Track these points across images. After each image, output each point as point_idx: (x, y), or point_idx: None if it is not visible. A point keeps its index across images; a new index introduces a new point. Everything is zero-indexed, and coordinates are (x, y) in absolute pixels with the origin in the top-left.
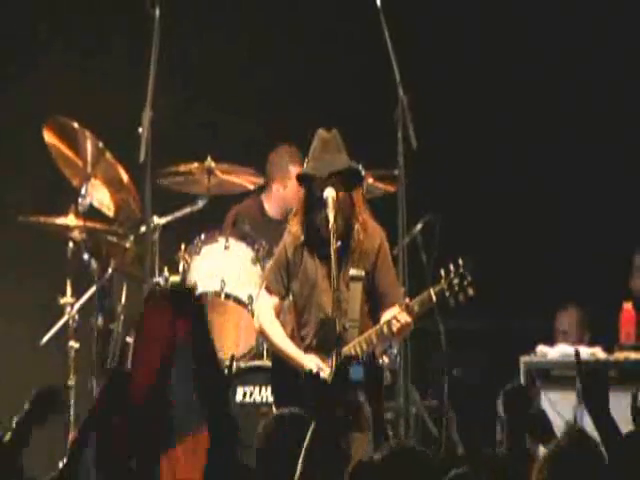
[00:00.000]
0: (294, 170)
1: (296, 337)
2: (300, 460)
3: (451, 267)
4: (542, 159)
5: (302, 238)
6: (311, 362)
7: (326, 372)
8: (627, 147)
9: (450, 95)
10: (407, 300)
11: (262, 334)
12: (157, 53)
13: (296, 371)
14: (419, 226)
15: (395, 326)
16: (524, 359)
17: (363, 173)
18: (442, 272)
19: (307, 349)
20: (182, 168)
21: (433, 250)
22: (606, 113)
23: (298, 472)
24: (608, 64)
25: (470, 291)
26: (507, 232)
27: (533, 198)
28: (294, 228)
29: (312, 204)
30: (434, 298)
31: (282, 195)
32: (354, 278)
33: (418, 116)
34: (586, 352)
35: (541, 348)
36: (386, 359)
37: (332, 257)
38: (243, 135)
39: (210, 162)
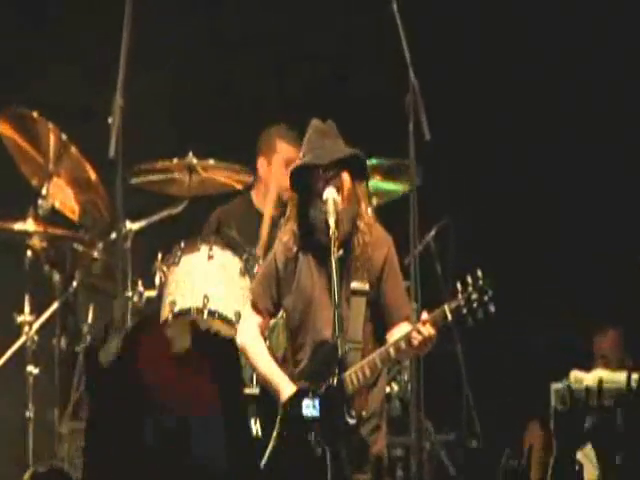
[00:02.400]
0: (280, 145)
1: (289, 361)
2: None
3: (469, 279)
4: (542, 159)
5: (295, 247)
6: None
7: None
8: (627, 147)
9: (450, 95)
10: (425, 315)
11: (243, 354)
12: (129, 30)
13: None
14: (433, 232)
15: (416, 339)
16: (555, 386)
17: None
18: (459, 285)
19: (301, 375)
20: (159, 165)
21: (449, 260)
22: (606, 113)
23: None
24: (608, 64)
25: (491, 307)
26: (535, 240)
27: (557, 205)
28: (286, 235)
29: (309, 204)
30: (450, 316)
31: (266, 172)
32: (356, 292)
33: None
34: (634, 378)
35: (575, 373)
36: (395, 387)
37: (333, 268)
38: (230, 128)
39: (192, 158)
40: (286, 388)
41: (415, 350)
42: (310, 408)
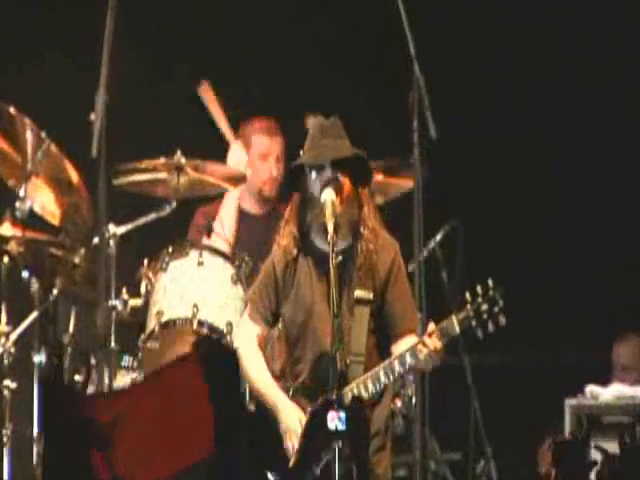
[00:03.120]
0: (255, 139)
1: (287, 374)
2: None
3: (478, 289)
4: (563, 158)
5: (295, 252)
6: (291, 418)
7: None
8: None
9: (459, 87)
10: (432, 326)
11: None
12: (113, 21)
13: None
14: (439, 236)
15: (422, 353)
16: (571, 402)
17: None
18: (467, 295)
19: (300, 389)
20: (145, 165)
21: (457, 267)
22: None
23: None
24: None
25: (501, 319)
26: (551, 246)
27: (580, 211)
28: (285, 240)
29: (308, 207)
30: (457, 327)
31: (246, 169)
32: (360, 301)
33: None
34: None
35: (591, 388)
36: (398, 403)
37: (331, 275)
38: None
39: (180, 157)
40: (285, 408)
41: (421, 364)
42: (336, 421)
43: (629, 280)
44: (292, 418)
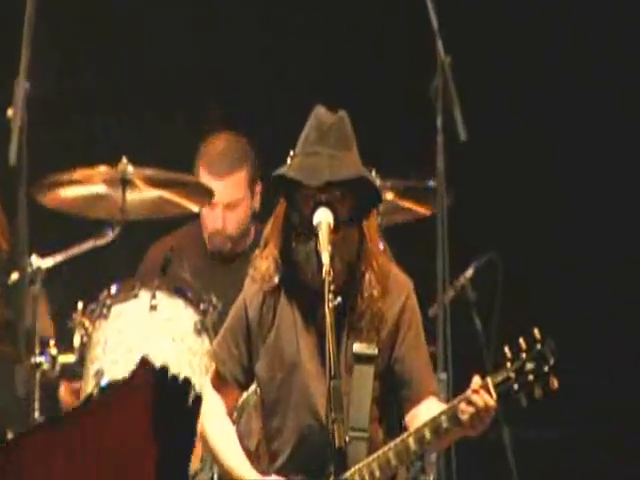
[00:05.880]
0: (201, 173)
1: (263, 454)
2: None
3: (521, 342)
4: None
5: (275, 280)
6: None
7: None
8: None
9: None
10: (477, 380)
11: (203, 442)
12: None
13: None
14: (470, 271)
15: (466, 413)
16: None
17: (380, 188)
18: (507, 351)
19: (280, 473)
20: (79, 176)
21: (493, 311)
22: None
23: None
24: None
25: (553, 383)
26: (606, 283)
27: (580, 211)
28: (263, 262)
29: (294, 230)
30: (494, 393)
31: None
32: (361, 358)
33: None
34: None
35: None
36: None
37: (327, 322)
38: (179, 127)
39: (126, 165)
40: None
41: (465, 430)
42: None
43: None
44: None
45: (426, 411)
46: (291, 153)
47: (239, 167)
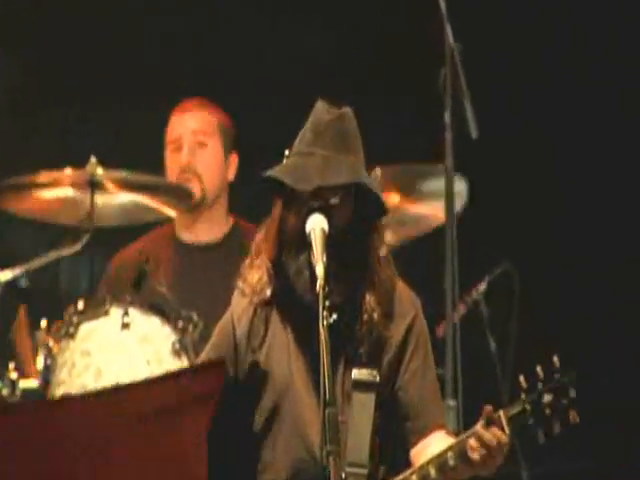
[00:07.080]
0: (170, 121)
1: None
2: None
3: (539, 371)
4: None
5: (268, 292)
6: None
7: None
8: None
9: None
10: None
11: None
12: None
13: None
14: (483, 286)
15: (476, 451)
16: None
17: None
18: (523, 380)
19: None
20: (44, 179)
21: (509, 331)
22: None
23: None
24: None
25: (574, 417)
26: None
27: (579, 211)
28: (255, 273)
29: (288, 237)
30: (507, 428)
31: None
32: (360, 385)
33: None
34: None
35: None
36: None
37: (322, 342)
38: (157, 123)
39: (95, 166)
40: None
41: (475, 469)
42: None
43: None
44: None
45: (433, 446)
46: (286, 152)
47: (210, 111)
